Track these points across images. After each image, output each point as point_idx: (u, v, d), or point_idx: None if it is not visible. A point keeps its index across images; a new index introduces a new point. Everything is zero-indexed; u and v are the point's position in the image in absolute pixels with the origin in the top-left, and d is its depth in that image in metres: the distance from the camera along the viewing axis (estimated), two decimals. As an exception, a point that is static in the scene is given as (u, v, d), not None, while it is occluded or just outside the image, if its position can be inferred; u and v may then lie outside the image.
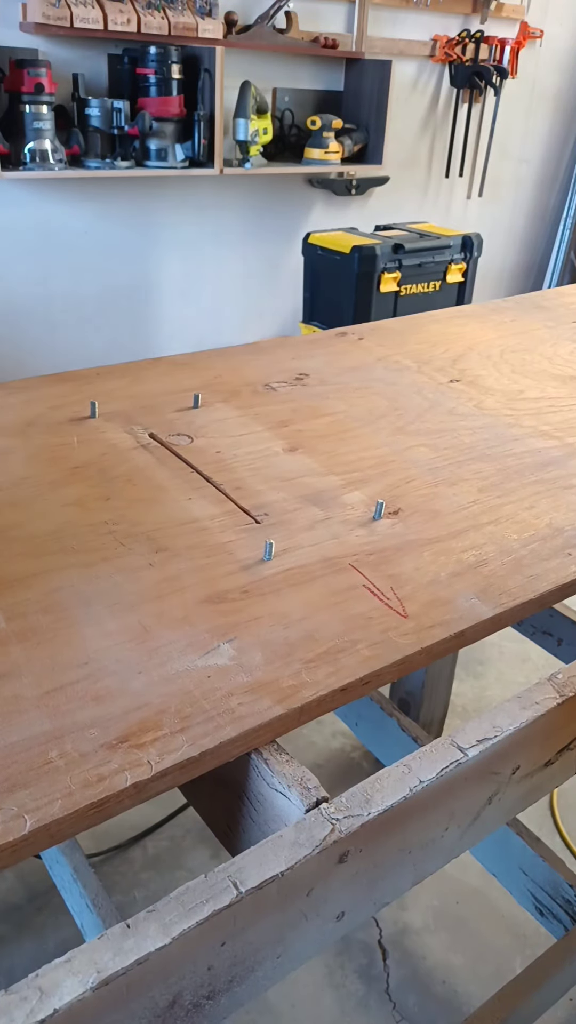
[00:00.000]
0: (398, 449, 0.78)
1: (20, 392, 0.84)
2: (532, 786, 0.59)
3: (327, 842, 0.41)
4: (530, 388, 0.95)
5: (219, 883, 0.39)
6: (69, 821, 0.39)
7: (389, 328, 1.15)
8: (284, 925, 0.44)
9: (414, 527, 0.65)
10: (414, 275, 2.78)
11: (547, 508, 0.69)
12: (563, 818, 1.57)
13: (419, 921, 1.37)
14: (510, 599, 0.58)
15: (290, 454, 0.76)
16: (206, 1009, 0.42)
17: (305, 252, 2.81)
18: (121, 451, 0.74)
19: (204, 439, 0.77)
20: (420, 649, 0.52)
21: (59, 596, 0.54)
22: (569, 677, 0.54)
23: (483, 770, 0.50)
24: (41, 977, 0.34)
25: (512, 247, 4.11)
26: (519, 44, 3.38)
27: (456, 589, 0.58)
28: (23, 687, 0.46)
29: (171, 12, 2.18)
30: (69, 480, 0.68)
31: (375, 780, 0.45)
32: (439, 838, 0.52)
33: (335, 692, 0.49)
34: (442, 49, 3.19)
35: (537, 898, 1.09)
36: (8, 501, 0.64)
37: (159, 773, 0.42)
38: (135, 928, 0.36)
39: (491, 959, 1.32)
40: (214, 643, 0.51)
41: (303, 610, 0.55)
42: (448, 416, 0.86)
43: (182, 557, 0.59)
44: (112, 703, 0.46)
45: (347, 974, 1.28)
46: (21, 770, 0.41)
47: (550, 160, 3.99)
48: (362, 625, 0.54)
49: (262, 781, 0.47)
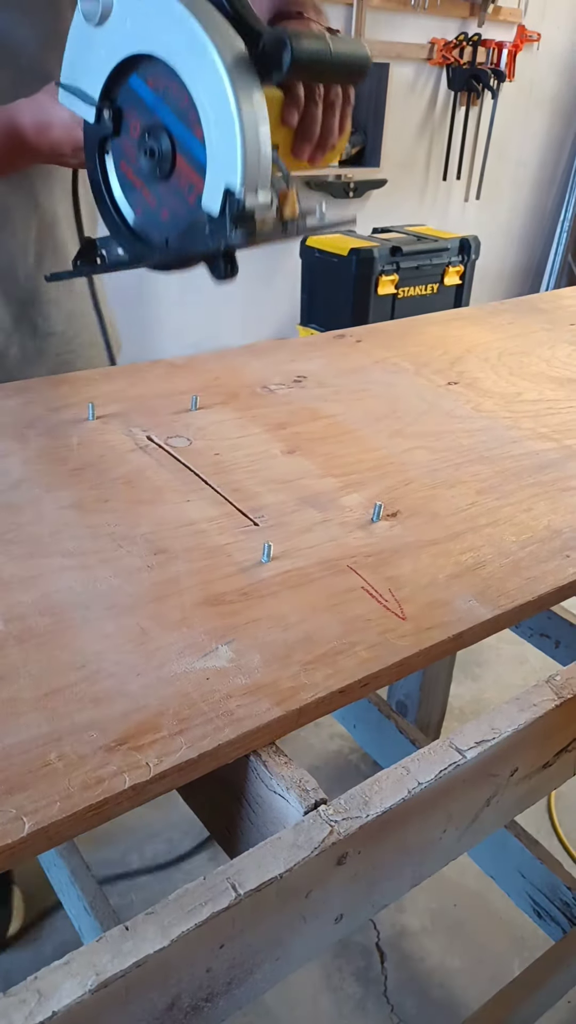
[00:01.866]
0: (396, 451, 0.78)
1: (18, 394, 0.84)
2: (530, 788, 0.59)
3: (326, 844, 0.41)
4: (528, 390, 0.95)
5: (218, 885, 0.39)
6: (68, 823, 0.39)
7: (387, 330, 1.15)
8: (283, 927, 0.44)
9: (412, 529, 0.65)
10: (412, 277, 2.79)
11: (545, 510, 0.70)
12: (561, 820, 1.58)
13: (417, 924, 1.37)
14: (508, 601, 0.58)
15: (288, 456, 0.76)
16: (205, 1011, 0.42)
17: (303, 254, 2.81)
18: (119, 453, 0.74)
19: (202, 441, 0.78)
20: (418, 651, 0.52)
21: (57, 598, 0.54)
22: (567, 679, 0.54)
23: (481, 772, 0.50)
24: (39, 979, 0.34)
25: (510, 250, 4.12)
26: (516, 47, 3.39)
27: (454, 591, 0.58)
28: (21, 689, 0.46)
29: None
30: (67, 482, 0.68)
31: (373, 782, 0.45)
32: (437, 840, 0.52)
33: (334, 694, 0.49)
34: (440, 52, 3.20)
35: (535, 900, 1.09)
36: (6, 503, 0.64)
37: (158, 775, 0.42)
38: (134, 930, 0.36)
39: (489, 961, 1.32)
40: (212, 645, 0.51)
41: (301, 612, 0.55)
42: (446, 418, 0.86)
43: (180, 559, 0.59)
44: (110, 705, 0.46)
45: (345, 977, 1.28)
46: (19, 772, 0.41)
47: (547, 163, 4.00)
48: (360, 627, 0.54)
49: (260, 783, 0.47)
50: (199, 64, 0.59)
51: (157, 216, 0.71)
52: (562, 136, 3.90)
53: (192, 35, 0.58)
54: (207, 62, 0.58)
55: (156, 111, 0.65)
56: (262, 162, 0.61)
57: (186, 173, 0.66)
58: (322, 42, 0.61)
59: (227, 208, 0.61)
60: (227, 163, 0.60)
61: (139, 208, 0.73)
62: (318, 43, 0.61)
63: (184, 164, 0.66)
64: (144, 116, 0.67)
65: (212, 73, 0.58)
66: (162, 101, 0.65)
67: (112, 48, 0.64)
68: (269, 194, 0.63)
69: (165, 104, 0.65)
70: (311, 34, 0.62)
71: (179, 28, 0.59)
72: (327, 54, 0.61)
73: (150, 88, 0.65)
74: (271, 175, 0.62)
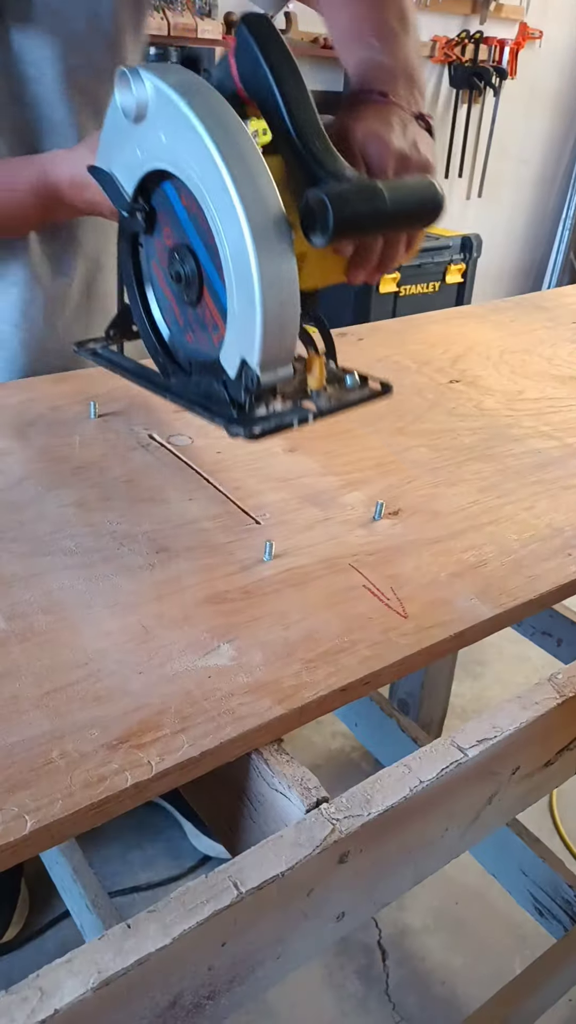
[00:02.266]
0: (398, 449, 0.78)
1: (20, 392, 0.84)
2: (532, 786, 0.59)
3: (327, 842, 0.41)
4: (530, 388, 0.95)
5: (220, 883, 0.39)
6: (70, 821, 0.39)
7: (389, 329, 1.15)
8: (284, 925, 0.44)
9: (414, 527, 0.65)
10: (413, 276, 2.78)
11: (547, 508, 0.70)
12: (562, 818, 1.58)
13: (419, 922, 1.37)
14: (510, 599, 0.58)
15: (290, 454, 0.76)
16: (207, 1009, 0.43)
17: (304, 253, 2.79)
18: (121, 452, 0.74)
19: (204, 440, 0.78)
20: (420, 649, 0.52)
21: (59, 596, 0.54)
22: (569, 677, 0.54)
23: (483, 770, 0.50)
24: (42, 977, 0.34)
25: (511, 247, 4.11)
26: (518, 45, 3.39)
27: (456, 589, 0.58)
28: (23, 687, 0.47)
29: (170, 12, 2.18)
30: (69, 480, 0.68)
31: (375, 780, 0.45)
32: (439, 838, 0.52)
33: (335, 692, 0.49)
34: (441, 50, 3.19)
35: (536, 898, 1.09)
36: (8, 501, 0.64)
37: (160, 773, 0.42)
38: (136, 928, 0.36)
39: (491, 959, 1.32)
40: (214, 643, 0.51)
41: (303, 610, 0.55)
42: (448, 416, 0.86)
43: (182, 557, 0.59)
44: (112, 703, 0.46)
45: (347, 975, 1.28)
46: (22, 770, 0.41)
47: (549, 160, 3.99)
48: (362, 625, 0.54)
49: (262, 781, 0.47)
50: (225, 216, 0.51)
51: (183, 335, 0.64)
52: (564, 134, 3.90)
53: (220, 184, 0.50)
54: (232, 218, 0.50)
55: (187, 232, 0.58)
56: (285, 341, 0.54)
57: (211, 310, 0.59)
58: (374, 199, 0.52)
59: (243, 378, 0.56)
60: (246, 333, 0.54)
61: (168, 317, 0.66)
62: (368, 202, 0.52)
63: (210, 301, 0.59)
64: (176, 231, 0.59)
65: (237, 233, 0.50)
66: (192, 226, 0.57)
67: (146, 152, 0.57)
68: (290, 368, 0.57)
69: (195, 230, 0.57)
70: (361, 188, 0.52)
71: (208, 169, 0.51)
72: (382, 211, 0.52)
73: (183, 205, 0.57)
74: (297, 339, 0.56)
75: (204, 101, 0.52)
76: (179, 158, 0.53)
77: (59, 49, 0.81)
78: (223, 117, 0.51)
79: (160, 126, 0.54)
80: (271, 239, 0.51)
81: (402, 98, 0.67)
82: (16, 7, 0.78)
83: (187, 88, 0.52)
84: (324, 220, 0.50)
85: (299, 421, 0.59)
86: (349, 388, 0.64)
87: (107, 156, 0.61)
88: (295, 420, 0.58)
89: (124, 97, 0.55)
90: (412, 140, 0.64)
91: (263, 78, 0.54)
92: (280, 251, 0.51)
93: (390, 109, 0.65)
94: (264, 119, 0.55)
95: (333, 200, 0.50)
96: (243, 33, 0.55)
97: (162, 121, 0.54)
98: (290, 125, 0.54)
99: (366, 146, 0.61)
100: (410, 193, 0.55)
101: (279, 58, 0.54)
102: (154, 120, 0.55)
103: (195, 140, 0.51)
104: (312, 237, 0.52)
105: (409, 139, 0.64)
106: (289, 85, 0.54)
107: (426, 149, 0.65)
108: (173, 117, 0.52)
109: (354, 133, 0.61)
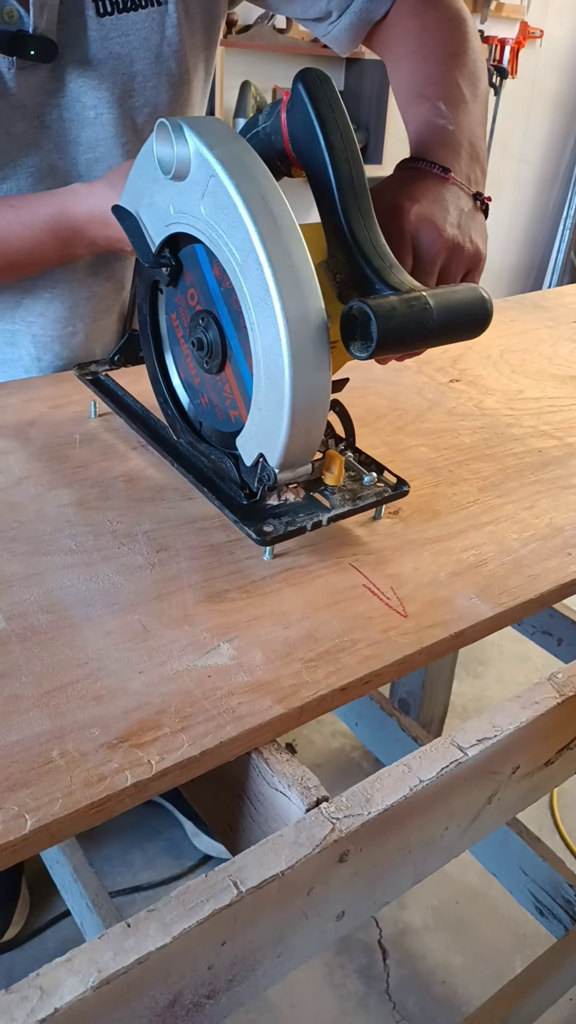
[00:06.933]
0: (398, 449, 0.78)
1: (20, 392, 0.84)
2: (532, 785, 0.59)
3: (327, 841, 0.41)
4: (530, 388, 0.95)
5: (219, 882, 0.39)
6: (70, 820, 0.39)
7: (389, 328, 1.15)
8: (284, 924, 0.44)
9: (414, 527, 0.65)
10: (414, 275, 2.77)
11: (547, 508, 0.70)
12: (563, 818, 1.58)
13: (419, 921, 1.37)
14: (510, 599, 0.58)
15: (290, 454, 0.76)
16: (207, 1008, 0.43)
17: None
18: (121, 451, 0.74)
19: (204, 439, 0.77)
20: (420, 649, 0.52)
21: (59, 596, 0.54)
22: (569, 677, 0.54)
23: (483, 769, 0.50)
24: (42, 976, 0.34)
25: (512, 247, 4.11)
26: (519, 44, 3.38)
27: (456, 589, 0.58)
28: (23, 687, 0.47)
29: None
30: (69, 480, 0.68)
31: (375, 779, 0.45)
32: (439, 837, 0.52)
33: (335, 691, 0.49)
34: (442, 49, 3.17)
35: (537, 898, 1.09)
36: (8, 501, 0.64)
37: (160, 772, 0.42)
38: (136, 927, 0.36)
39: (491, 959, 1.32)
40: (214, 643, 0.51)
41: (303, 610, 0.55)
42: (448, 416, 0.86)
43: (182, 557, 0.59)
44: (113, 702, 0.46)
45: (347, 974, 1.28)
46: (22, 769, 0.41)
47: (550, 160, 3.99)
48: (362, 625, 0.54)
49: (262, 780, 0.47)
50: (263, 319, 0.48)
51: (197, 394, 0.62)
52: (565, 133, 3.89)
53: (264, 292, 0.47)
54: (272, 327, 0.47)
55: (216, 304, 0.55)
56: (309, 443, 0.53)
57: (232, 386, 0.56)
58: (421, 315, 0.48)
59: (259, 469, 0.54)
60: (269, 433, 0.52)
61: (182, 372, 0.64)
62: (414, 318, 0.48)
63: (231, 376, 0.56)
64: (204, 297, 0.56)
65: (275, 341, 0.48)
66: (223, 302, 0.54)
67: (181, 213, 0.53)
68: (309, 466, 0.55)
69: (226, 308, 0.54)
70: (409, 302, 0.48)
71: (253, 269, 0.48)
72: (428, 327, 0.49)
73: (215, 276, 0.54)
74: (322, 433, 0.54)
75: (256, 190, 0.48)
76: (219, 239, 0.50)
77: (118, 91, 0.77)
78: (275, 211, 0.48)
79: (201, 197, 0.50)
80: (309, 353, 0.48)
81: (463, 175, 0.63)
82: (74, 49, 0.74)
83: (237, 167, 0.48)
84: (367, 335, 0.47)
85: (312, 526, 0.59)
86: (366, 485, 0.63)
87: (135, 199, 0.58)
88: (308, 525, 0.58)
89: (163, 150, 0.51)
90: (467, 229, 0.60)
91: (317, 150, 0.51)
92: (317, 364, 0.49)
93: (448, 189, 0.61)
94: (309, 185, 0.52)
95: (379, 318, 0.46)
96: (299, 93, 0.51)
97: (205, 193, 0.50)
98: (340, 210, 0.50)
99: (418, 232, 0.58)
100: (458, 306, 0.51)
101: (333, 125, 0.51)
102: (194, 186, 0.51)
103: (243, 235, 0.48)
104: (352, 349, 0.49)
105: (465, 229, 0.60)
106: (343, 163, 0.51)
107: (479, 238, 0.61)
108: (218, 196, 0.49)
109: (407, 215, 0.57)
